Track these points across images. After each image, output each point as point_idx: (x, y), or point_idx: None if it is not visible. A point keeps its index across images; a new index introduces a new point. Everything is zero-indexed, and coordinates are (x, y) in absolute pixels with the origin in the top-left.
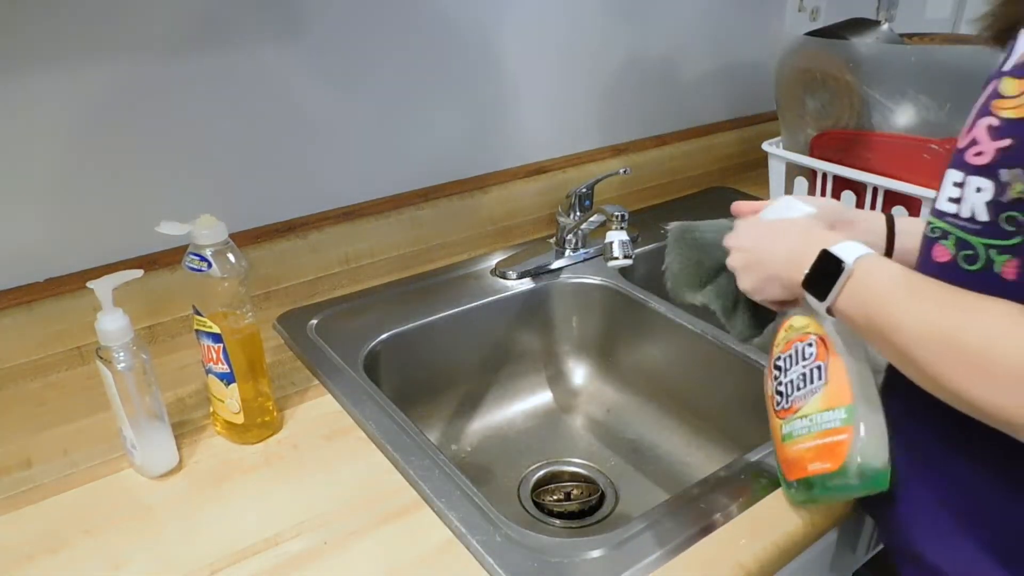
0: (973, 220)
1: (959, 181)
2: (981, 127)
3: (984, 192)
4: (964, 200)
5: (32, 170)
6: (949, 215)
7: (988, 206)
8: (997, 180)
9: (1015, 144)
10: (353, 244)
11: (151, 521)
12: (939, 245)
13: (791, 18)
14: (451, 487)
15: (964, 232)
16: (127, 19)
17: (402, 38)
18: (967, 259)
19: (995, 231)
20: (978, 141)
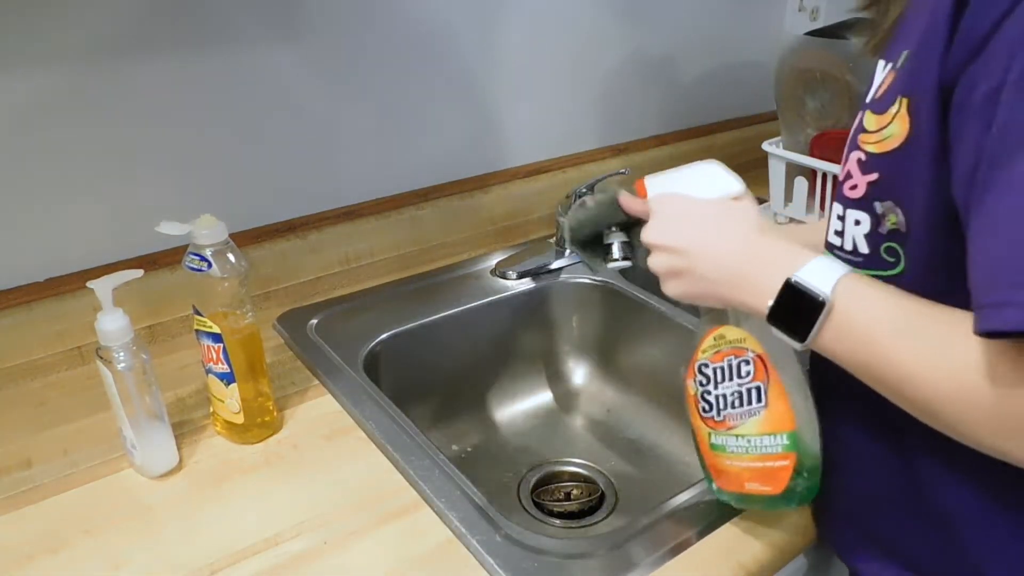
0: (856, 252)
1: (840, 214)
2: (853, 161)
3: (862, 225)
4: (845, 233)
5: (32, 170)
6: (836, 248)
7: (867, 238)
8: (872, 212)
9: (882, 178)
10: (353, 244)
11: (151, 521)
12: None
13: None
14: (451, 487)
15: (849, 264)
16: (128, 20)
17: (402, 38)
18: None
19: (877, 262)
20: (852, 175)
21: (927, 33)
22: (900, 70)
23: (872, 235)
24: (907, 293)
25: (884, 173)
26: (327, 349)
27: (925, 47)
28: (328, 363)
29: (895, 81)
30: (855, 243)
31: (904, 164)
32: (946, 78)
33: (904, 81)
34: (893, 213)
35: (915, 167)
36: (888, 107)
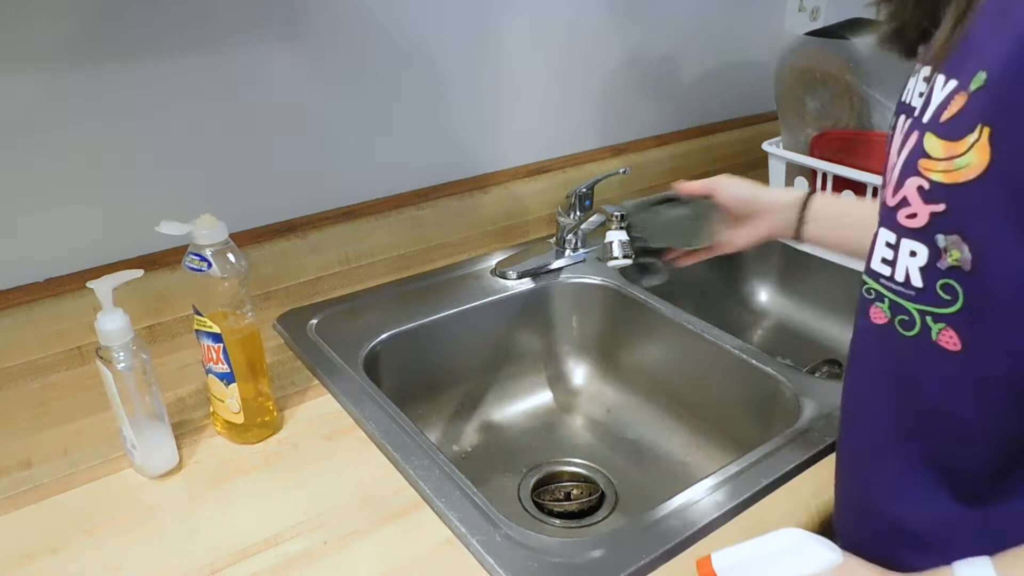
0: (908, 284)
1: (892, 242)
2: (911, 187)
3: (918, 257)
4: (898, 263)
5: (32, 170)
6: (883, 277)
7: (923, 271)
8: (933, 245)
9: (950, 210)
10: (353, 244)
11: (151, 521)
12: (875, 307)
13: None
14: (451, 487)
15: (898, 297)
16: (126, 19)
17: (402, 38)
18: (903, 324)
19: (931, 298)
20: (910, 202)
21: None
22: (976, 94)
23: (929, 269)
24: None
25: (953, 205)
26: (327, 349)
27: (1017, 74)
28: (328, 363)
29: (970, 105)
30: (908, 275)
31: (979, 198)
32: None
33: (986, 107)
34: (957, 249)
35: (992, 202)
36: (963, 134)
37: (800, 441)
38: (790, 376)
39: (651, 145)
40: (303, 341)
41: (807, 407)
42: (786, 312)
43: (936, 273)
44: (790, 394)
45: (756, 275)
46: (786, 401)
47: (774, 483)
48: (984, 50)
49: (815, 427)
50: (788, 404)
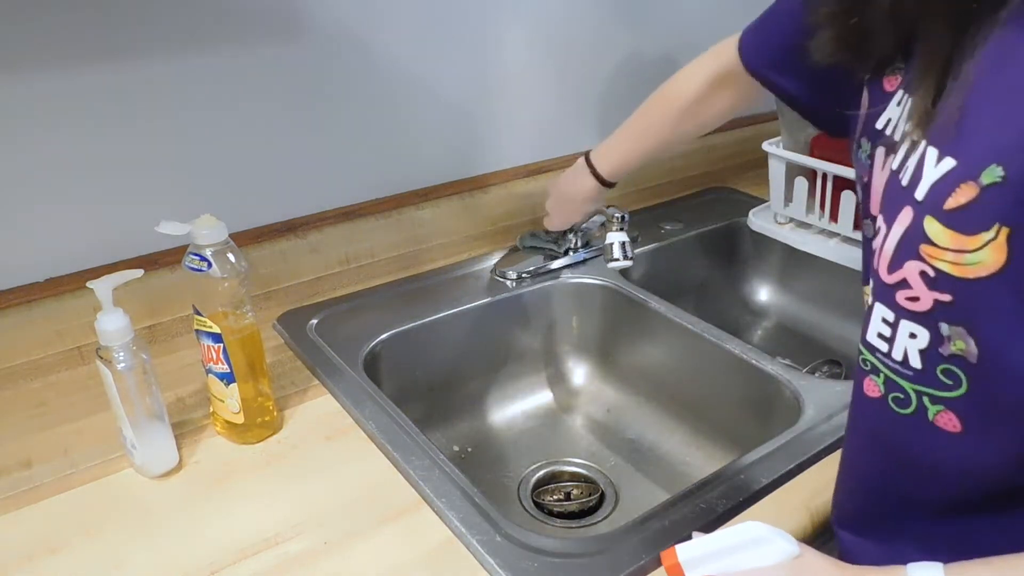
0: (906, 364)
1: (889, 320)
2: (912, 271)
3: (919, 339)
4: (895, 342)
5: (32, 169)
6: (880, 352)
7: (922, 354)
8: (936, 331)
9: (957, 302)
10: (353, 244)
11: (151, 521)
12: (869, 379)
13: None
14: (451, 487)
15: (895, 375)
16: (126, 19)
17: (402, 37)
18: (897, 401)
19: (931, 380)
20: (911, 285)
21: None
22: (991, 189)
23: (930, 352)
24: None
25: (961, 298)
26: (327, 349)
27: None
28: (328, 363)
29: (984, 200)
30: (906, 355)
31: (991, 296)
32: None
33: (1004, 206)
34: (962, 340)
35: (1006, 302)
36: (977, 230)
37: (800, 441)
38: (790, 376)
39: None
40: (303, 341)
41: (807, 407)
42: (786, 312)
43: (937, 358)
44: (790, 394)
45: (756, 275)
46: (786, 401)
47: (774, 483)
48: (990, 136)
49: (815, 427)
50: (788, 404)
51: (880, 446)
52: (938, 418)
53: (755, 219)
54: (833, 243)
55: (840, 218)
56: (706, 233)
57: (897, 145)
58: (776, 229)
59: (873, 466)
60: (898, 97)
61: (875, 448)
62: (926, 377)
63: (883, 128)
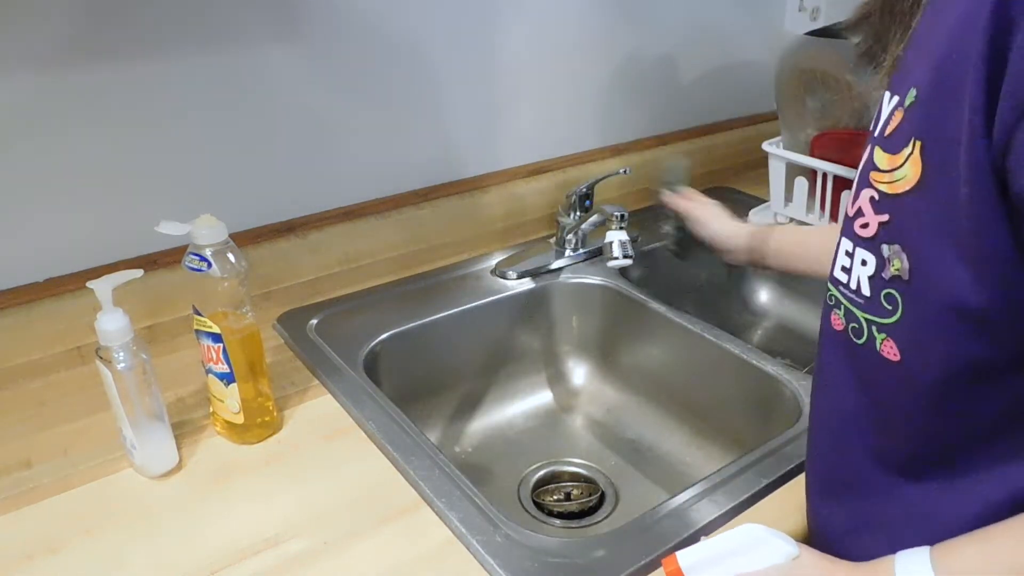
0: (858, 293)
1: (849, 251)
2: (865, 198)
3: (868, 266)
4: (852, 271)
5: (32, 170)
6: (841, 284)
7: (870, 281)
8: (879, 255)
9: (892, 220)
10: (353, 244)
11: (151, 521)
12: (834, 313)
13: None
14: (451, 487)
15: (851, 304)
16: (126, 19)
17: (402, 37)
18: (854, 332)
19: (876, 308)
20: (864, 212)
21: (944, 75)
22: (910, 109)
23: (875, 279)
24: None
25: (894, 215)
26: (327, 349)
27: (945, 89)
28: (328, 363)
29: (905, 121)
30: (859, 283)
31: (913, 208)
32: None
33: (916, 122)
34: (898, 258)
35: (924, 214)
36: (900, 148)
37: (800, 441)
38: (790, 376)
39: (651, 145)
40: (303, 341)
41: (807, 407)
42: (786, 312)
43: (881, 283)
44: (790, 394)
45: (756, 275)
46: (786, 401)
47: (774, 483)
48: (918, 69)
49: None
50: (788, 404)
51: (843, 384)
52: (883, 347)
53: (755, 219)
54: None
55: (840, 218)
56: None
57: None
58: None
59: (838, 413)
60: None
61: (839, 389)
62: (872, 304)
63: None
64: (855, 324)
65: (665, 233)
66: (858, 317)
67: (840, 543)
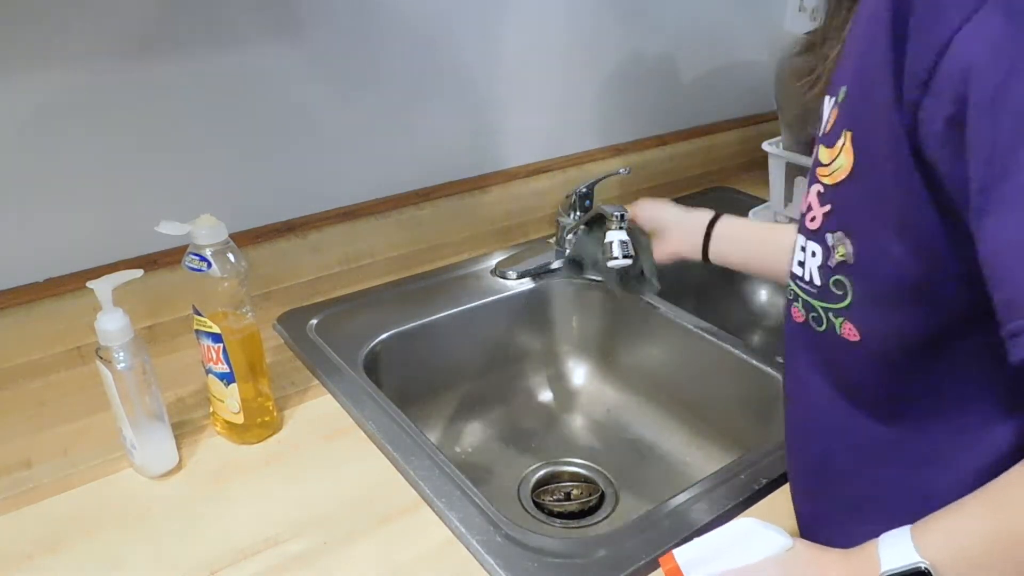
0: (812, 284)
1: (803, 245)
2: (812, 193)
3: (817, 257)
4: (806, 264)
5: (32, 170)
6: (798, 278)
7: (819, 270)
8: (824, 244)
9: (833, 209)
10: (353, 244)
11: (151, 521)
12: (794, 306)
13: (791, 18)
14: (451, 487)
15: (807, 295)
16: (126, 20)
17: (403, 37)
18: (814, 320)
19: (827, 295)
20: (812, 207)
21: (864, 66)
22: (841, 104)
23: (823, 267)
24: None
25: (835, 204)
26: (327, 349)
27: (864, 80)
28: (328, 363)
29: (839, 116)
30: (811, 274)
31: (850, 195)
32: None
33: (845, 115)
34: (842, 244)
35: (859, 198)
36: (835, 141)
37: None
38: None
39: (651, 145)
40: (303, 341)
41: None
42: None
43: (828, 271)
44: None
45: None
46: None
47: (774, 483)
48: (847, 68)
49: None
50: None
51: (810, 372)
52: (843, 330)
53: (755, 219)
54: None
55: None
56: None
57: None
58: None
59: (809, 403)
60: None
61: (807, 378)
62: (824, 292)
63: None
64: (814, 314)
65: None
66: (815, 306)
67: (825, 531)
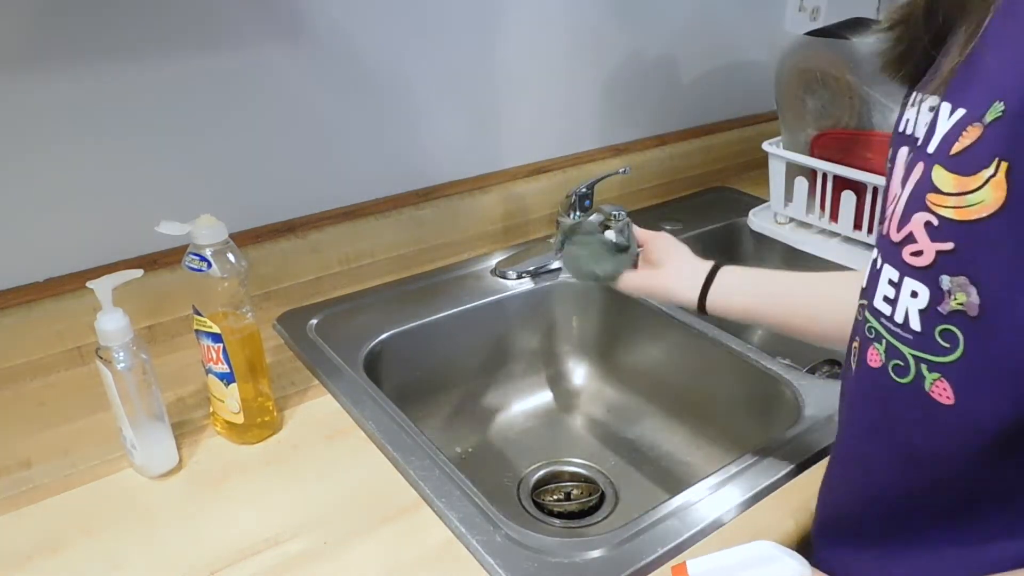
0: (906, 327)
1: (895, 280)
2: (918, 223)
3: (919, 298)
4: (899, 303)
5: (32, 170)
6: (884, 316)
7: (921, 315)
8: (936, 287)
9: (958, 249)
10: (353, 244)
11: (151, 521)
12: (872, 348)
13: (791, 18)
14: (451, 487)
15: (895, 339)
16: (127, 19)
17: (402, 37)
18: (896, 370)
19: (929, 344)
20: (916, 239)
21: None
22: (992, 126)
23: (930, 312)
24: None
25: (962, 243)
26: (327, 349)
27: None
28: (328, 363)
29: (986, 137)
30: (907, 317)
31: (992, 236)
32: None
33: (1002, 139)
34: (963, 292)
35: (1006, 242)
36: (977, 168)
37: (800, 441)
38: (790, 376)
39: (651, 145)
40: (303, 341)
41: (807, 407)
42: None
43: (936, 317)
44: (790, 394)
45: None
46: (786, 401)
47: (774, 483)
48: (996, 78)
49: (815, 427)
50: (788, 404)
51: (870, 425)
52: (934, 388)
53: (755, 219)
54: (833, 243)
55: (840, 218)
56: (706, 233)
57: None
58: (776, 229)
59: (861, 455)
60: (912, 99)
61: (865, 430)
62: (924, 340)
63: (903, 130)
64: (898, 361)
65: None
66: (903, 354)
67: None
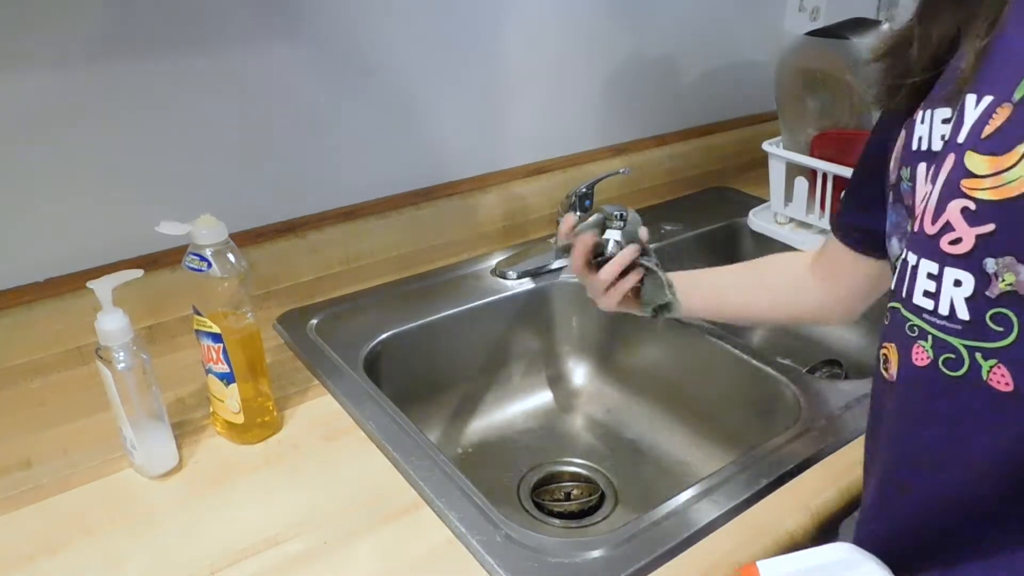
0: (952, 318)
1: (934, 273)
2: (954, 210)
3: (963, 286)
4: (941, 295)
5: (33, 170)
6: (926, 312)
7: (969, 302)
8: (980, 271)
9: (1000, 229)
10: (353, 244)
11: (151, 521)
12: (918, 346)
13: (791, 18)
14: (451, 487)
15: (942, 332)
16: (126, 19)
17: (402, 37)
18: (948, 363)
19: (981, 331)
20: (954, 226)
21: None
22: (1022, 103)
23: (977, 298)
24: None
25: (1004, 223)
26: (327, 349)
27: None
28: (328, 363)
29: (1017, 115)
30: (953, 307)
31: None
32: None
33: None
34: (1011, 271)
35: None
36: (1012, 145)
37: (800, 441)
38: (790, 376)
39: (651, 145)
40: (303, 341)
41: (807, 407)
42: None
43: (985, 303)
44: (790, 394)
45: None
46: (786, 401)
47: (774, 483)
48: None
49: (815, 427)
50: (788, 404)
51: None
52: (991, 376)
53: (755, 219)
54: None
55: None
56: (706, 233)
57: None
58: (776, 229)
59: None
60: (920, 116)
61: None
62: (976, 328)
63: (916, 147)
64: (949, 355)
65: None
66: (954, 346)
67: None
